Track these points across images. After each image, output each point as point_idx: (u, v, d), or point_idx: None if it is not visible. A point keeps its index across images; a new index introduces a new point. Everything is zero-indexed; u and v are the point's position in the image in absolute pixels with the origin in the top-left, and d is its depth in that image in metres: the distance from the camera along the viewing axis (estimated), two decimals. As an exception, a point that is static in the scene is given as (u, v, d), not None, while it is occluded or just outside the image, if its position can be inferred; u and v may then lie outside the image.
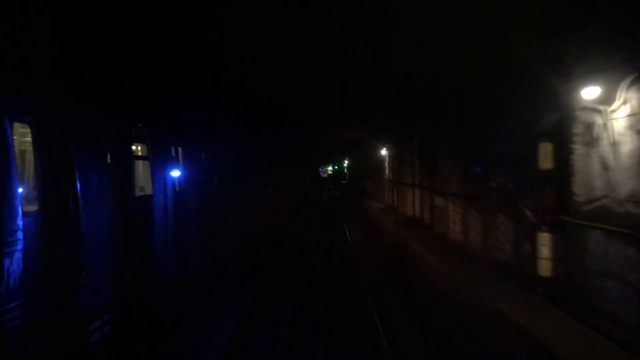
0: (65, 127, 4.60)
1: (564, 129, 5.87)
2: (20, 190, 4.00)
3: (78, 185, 4.69)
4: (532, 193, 6.91)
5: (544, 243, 6.47)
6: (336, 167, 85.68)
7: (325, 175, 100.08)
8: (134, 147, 7.12)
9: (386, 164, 22.79)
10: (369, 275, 14.48)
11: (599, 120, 5.21)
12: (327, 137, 30.70)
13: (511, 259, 7.70)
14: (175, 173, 6.90)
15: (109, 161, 5.51)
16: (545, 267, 6.47)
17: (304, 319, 10.73)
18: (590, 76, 5.11)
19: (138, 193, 6.85)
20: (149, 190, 6.83)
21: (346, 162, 61.58)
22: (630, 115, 4.71)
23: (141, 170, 7.12)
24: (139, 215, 6.53)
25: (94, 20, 4.77)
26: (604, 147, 5.13)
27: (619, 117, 4.89)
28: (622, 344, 4.72)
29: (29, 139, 4.54)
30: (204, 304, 9.04)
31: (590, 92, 5.14)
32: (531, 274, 6.87)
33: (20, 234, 3.84)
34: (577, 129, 5.64)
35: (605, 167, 5.13)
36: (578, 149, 5.66)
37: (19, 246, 3.83)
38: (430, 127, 12.94)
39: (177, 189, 7.69)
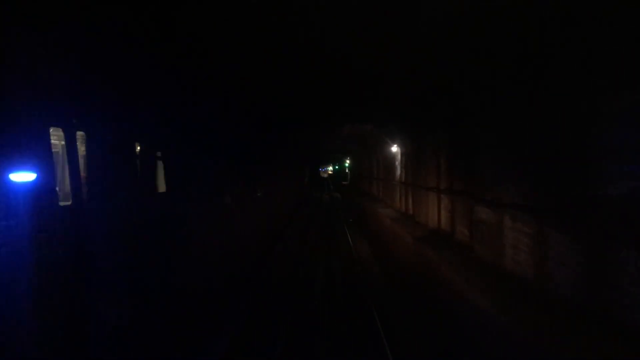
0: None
1: None
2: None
3: None
4: None
5: None
6: (337, 167, 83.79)
7: (325, 175, 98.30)
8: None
9: (397, 162, 19.30)
10: (390, 328, 9.59)
11: None
12: (328, 134, 27.27)
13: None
14: (23, 177, 3.42)
15: None
16: None
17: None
18: None
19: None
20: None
21: (347, 161, 58.27)
22: None
23: None
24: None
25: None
26: None
27: None
28: None
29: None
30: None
31: None
32: None
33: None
34: None
35: None
36: None
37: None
38: (469, 110, 9.45)
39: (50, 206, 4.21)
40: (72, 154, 4.87)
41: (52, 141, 5.37)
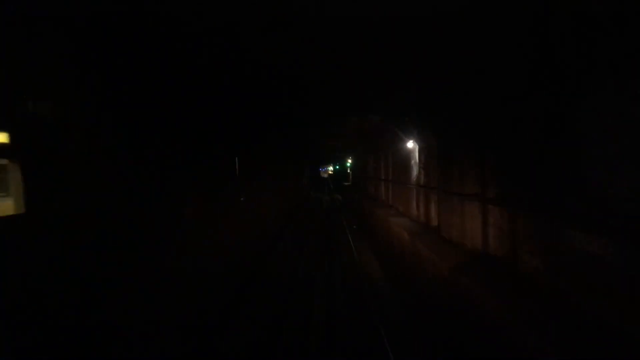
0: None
1: None
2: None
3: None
4: None
5: None
6: (337, 167, 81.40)
7: (325, 175, 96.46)
8: None
9: (413, 161, 15.86)
10: None
11: None
12: (329, 130, 23.88)
13: None
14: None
15: None
16: None
17: None
18: None
19: None
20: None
21: (349, 161, 54.96)
22: None
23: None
24: None
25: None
26: None
27: None
28: None
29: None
30: None
31: None
32: None
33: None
34: None
35: None
36: None
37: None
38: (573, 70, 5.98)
39: None
40: None
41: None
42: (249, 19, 6.78)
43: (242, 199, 15.16)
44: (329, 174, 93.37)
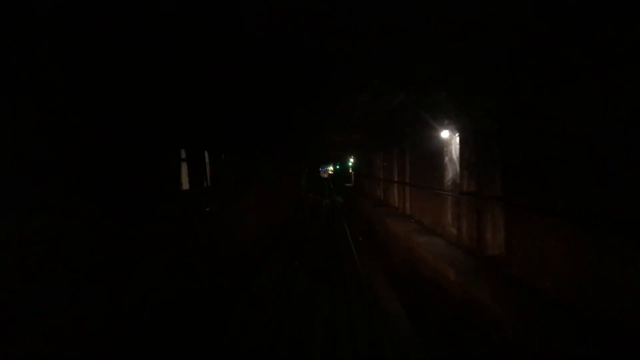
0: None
1: None
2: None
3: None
4: None
5: None
6: (337, 167, 77.66)
7: (325, 175, 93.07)
8: None
9: (447, 158, 11.41)
10: None
11: None
12: (332, 118, 19.44)
13: None
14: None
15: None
16: None
17: None
18: None
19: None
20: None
21: (351, 160, 50.58)
22: None
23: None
24: None
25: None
26: None
27: None
28: None
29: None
30: None
31: None
32: None
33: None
34: None
35: None
36: None
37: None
38: None
39: None
40: None
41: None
42: None
43: (207, 209, 10.70)
44: (329, 174, 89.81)
